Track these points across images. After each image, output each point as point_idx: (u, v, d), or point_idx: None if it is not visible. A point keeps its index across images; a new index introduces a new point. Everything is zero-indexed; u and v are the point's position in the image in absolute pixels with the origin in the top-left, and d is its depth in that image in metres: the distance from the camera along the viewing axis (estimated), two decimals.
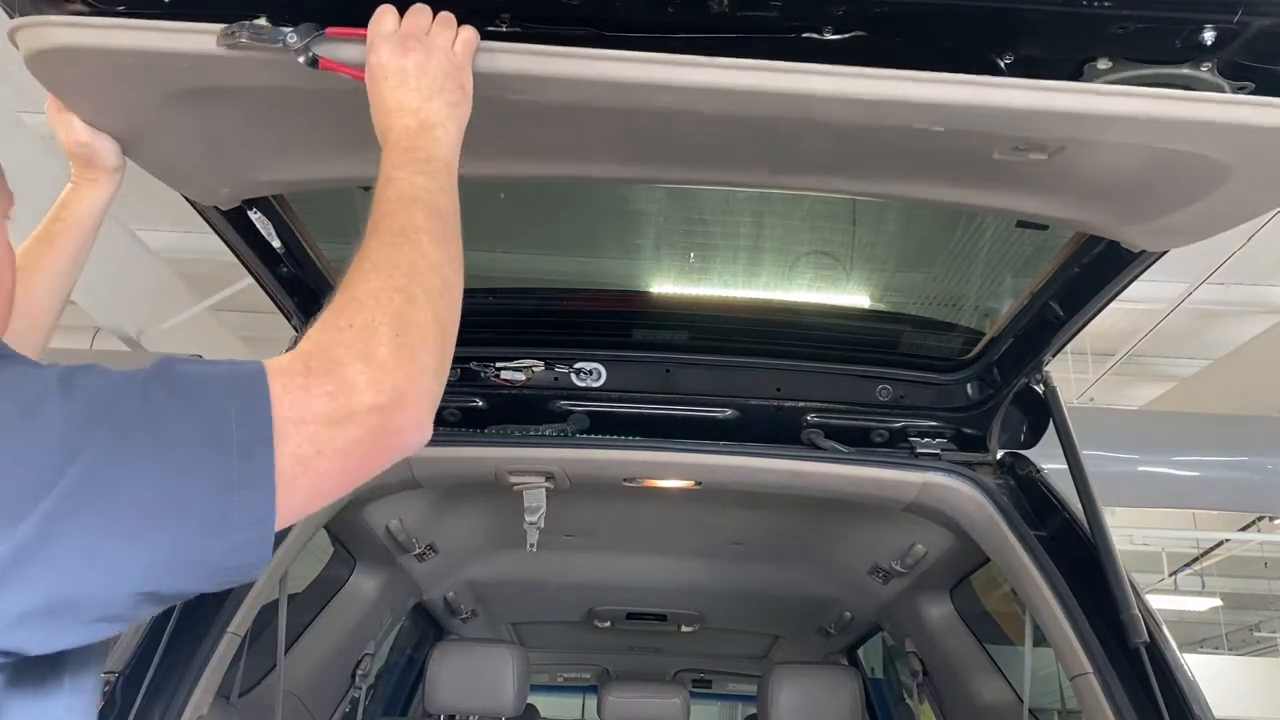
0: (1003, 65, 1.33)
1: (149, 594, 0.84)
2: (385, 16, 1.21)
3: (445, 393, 2.67)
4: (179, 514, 0.82)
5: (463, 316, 1.55)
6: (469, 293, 1.59)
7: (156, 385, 0.87)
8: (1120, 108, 1.28)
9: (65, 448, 0.80)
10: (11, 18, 1.28)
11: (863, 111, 1.31)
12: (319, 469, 0.89)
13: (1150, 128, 1.31)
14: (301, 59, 1.23)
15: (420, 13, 1.21)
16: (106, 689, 1.79)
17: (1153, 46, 1.27)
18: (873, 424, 2.47)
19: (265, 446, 0.85)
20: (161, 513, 0.82)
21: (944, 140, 1.38)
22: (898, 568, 3.07)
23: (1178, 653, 1.91)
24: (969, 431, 2.45)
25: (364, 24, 1.22)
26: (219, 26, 1.26)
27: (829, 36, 1.28)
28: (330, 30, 1.24)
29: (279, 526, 0.87)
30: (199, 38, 1.26)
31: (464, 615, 4.15)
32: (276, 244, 1.93)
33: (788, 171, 1.64)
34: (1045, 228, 1.86)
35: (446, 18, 1.22)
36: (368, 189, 1.88)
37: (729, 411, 2.50)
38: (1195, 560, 11.48)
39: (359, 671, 3.26)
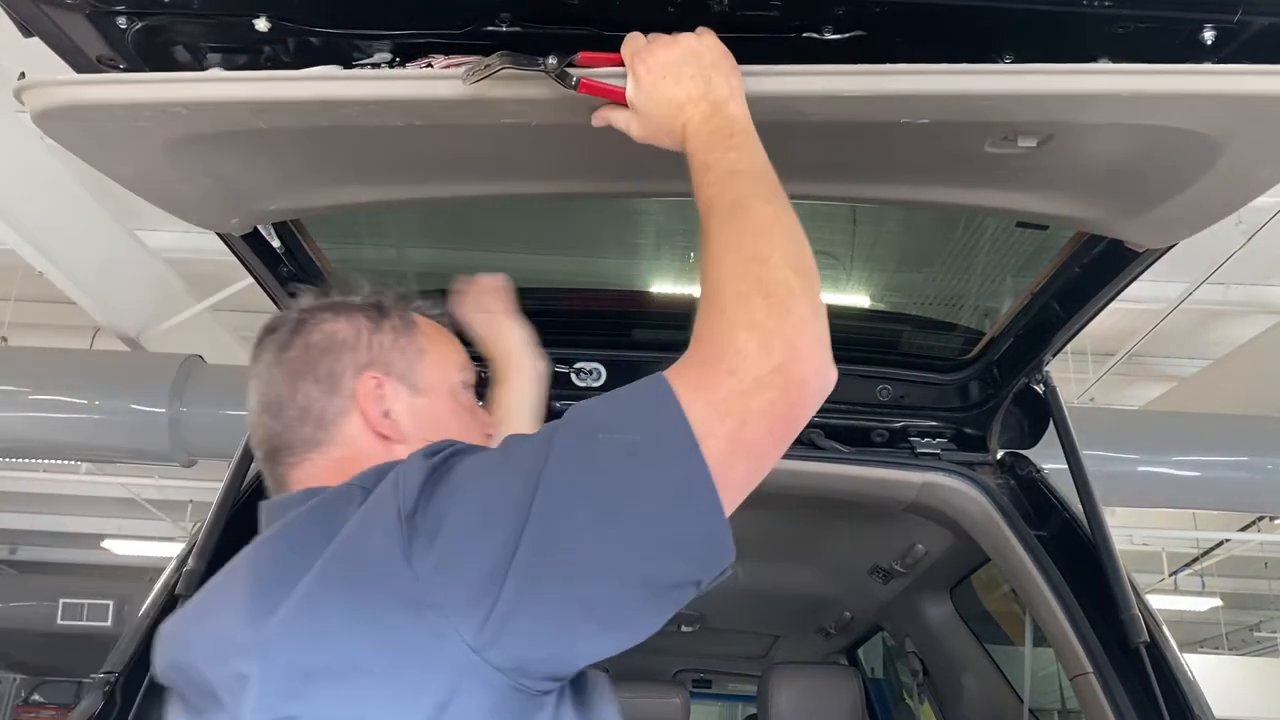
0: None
1: (645, 581, 0.95)
2: (635, 36, 1.25)
3: None
4: (628, 512, 0.93)
5: None
6: None
7: (572, 423, 0.99)
8: (1099, 85, 1.28)
9: (530, 476, 0.94)
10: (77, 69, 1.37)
11: (848, 109, 1.32)
12: (748, 438, 0.96)
13: (1132, 103, 1.30)
14: (561, 83, 1.26)
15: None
16: (106, 689, 1.79)
17: (1153, 46, 1.27)
18: (873, 424, 2.46)
19: (686, 435, 0.94)
20: (614, 517, 0.93)
21: (934, 134, 1.38)
22: (898, 568, 3.07)
23: (1178, 653, 1.91)
24: (969, 431, 2.45)
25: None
26: (224, 74, 1.30)
27: (829, 36, 1.28)
28: (584, 55, 1.26)
29: (732, 501, 0.96)
30: (201, 87, 1.31)
31: None
32: (276, 244, 1.94)
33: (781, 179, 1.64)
34: (1045, 228, 1.86)
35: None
36: None
37: None
38: (1195, 560, 11.47)
39: None
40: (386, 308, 1.28)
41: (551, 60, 1.25)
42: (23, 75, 1.28)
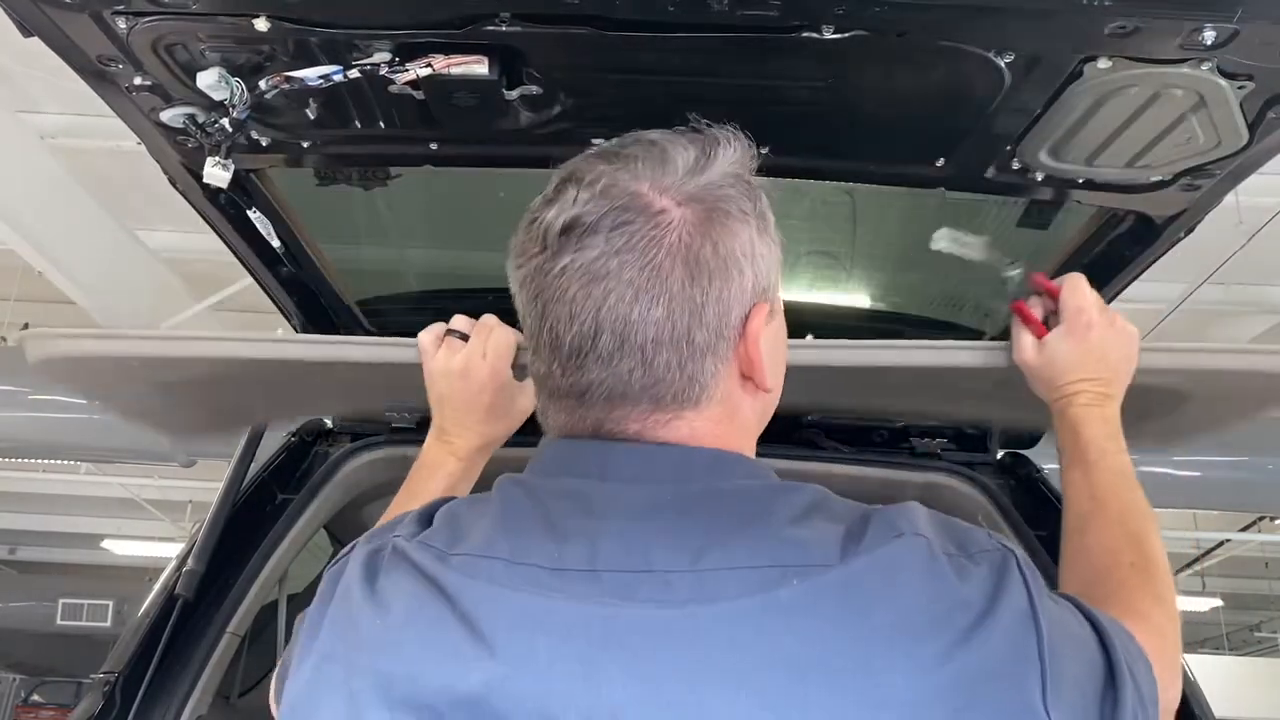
0: (1003, 64, 1.33)
1: None
2: (1084, 286, 1.39)
3: None
4: None
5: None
6: (469, 292, 1.61)
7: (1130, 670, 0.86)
8: None
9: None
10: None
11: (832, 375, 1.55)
12: None
13: None
14: None
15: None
16: (106, 689, 1.79)
17: (1153, 46, 1.27)
18: (873, 424, 2.46)
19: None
20: None
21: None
22: None
23: None
24: (969, 431, 2.45)
25: None
26: (204, 335, 1.54)
27: (829, 36, 1.28)
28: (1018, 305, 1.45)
29: None
30: (184, 345, 1.51)
31: None
32: (276, 244, 1.94)
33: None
34: (1045, 228, 1.86)
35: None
36: (367, 188, 1.91)
37: None
38: (1195, 560, 11.49)
39: None
40: (756, 190, 0.92)
41: None
42: (26, 326, 1.38)
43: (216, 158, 1.48)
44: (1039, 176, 1.62)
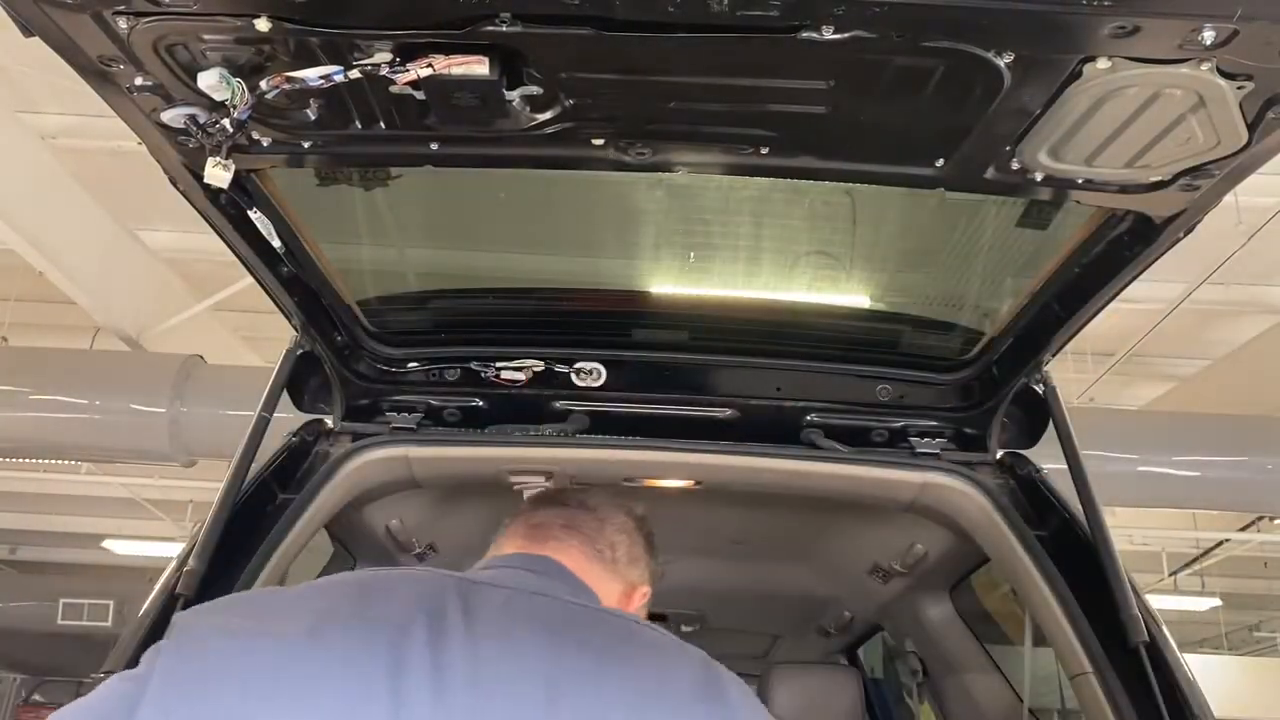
0: (1003, 65, 1.33)
1: None
2: None
3: (445, 392, 2.68)
4: None
5: (463, 316, 1.56)
6: (469, 292, 1.61)
7: None
8: None
9: None
10: None
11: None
12: None
13: None
14: None
15: None
16: None
17: (1153, 46, 1.27)
18: (873, 424, 2.47)
19: None
20: None
21: None
22: (898, 568, 3.07)
23: (1178, 653, 1.91)
24: (969, 431, 2.45)
25: None
26: None
27: (828, 36, 1.28)
28: None
29: None
30: None
31: None
32: (276, 244, 1.94)
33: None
34: (1045, 228, 1.87)
35: None
36: (367, 188, 1.91)
37: (729, 411, 2.49)
38: (1195, 560, 11.48)
39: None
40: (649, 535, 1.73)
41: None
42: None
43: (217, 158, 1.48)
44: (1038, 176, 1.62)
